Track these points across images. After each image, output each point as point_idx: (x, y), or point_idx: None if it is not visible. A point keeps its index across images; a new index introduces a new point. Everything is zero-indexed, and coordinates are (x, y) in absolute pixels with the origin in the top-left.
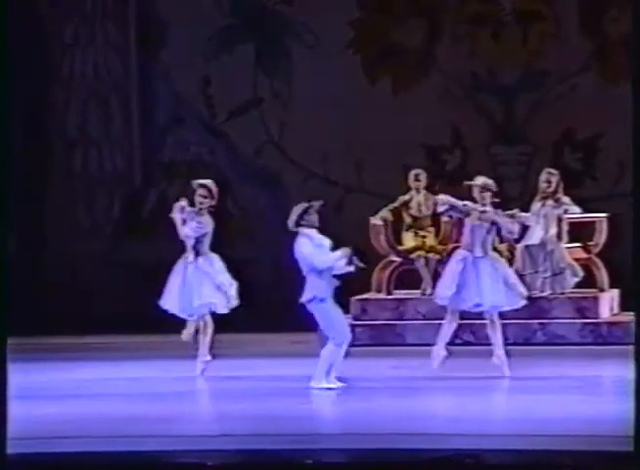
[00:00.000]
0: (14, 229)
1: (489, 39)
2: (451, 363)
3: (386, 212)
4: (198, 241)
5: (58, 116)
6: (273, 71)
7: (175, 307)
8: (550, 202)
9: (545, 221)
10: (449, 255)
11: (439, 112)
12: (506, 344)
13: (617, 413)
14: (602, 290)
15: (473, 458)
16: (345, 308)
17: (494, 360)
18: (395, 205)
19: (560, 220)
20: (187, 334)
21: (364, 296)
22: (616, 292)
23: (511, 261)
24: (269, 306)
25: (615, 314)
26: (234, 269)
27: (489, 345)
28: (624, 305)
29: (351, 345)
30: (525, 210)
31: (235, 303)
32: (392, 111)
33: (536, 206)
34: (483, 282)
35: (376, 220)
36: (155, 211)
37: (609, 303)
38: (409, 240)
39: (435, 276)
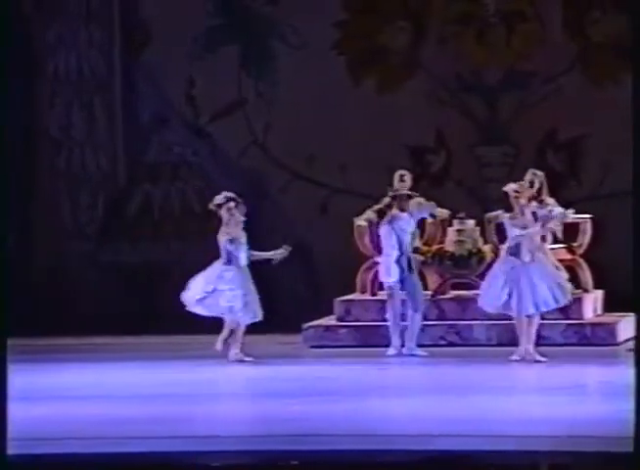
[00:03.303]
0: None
1: (474, 40)
2: (436, 364)
3: (370, 214)
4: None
5: (42, 116)
6: (258, 73)
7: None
8: (534, 203)
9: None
10: (433, 256)
11: (424, 113)
12: (490, 345)
13: (613, 414)
14: (586, 291)
15: (461, 459)
16: (330, 310)
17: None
18: (380, 206)
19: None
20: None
21: (348, 297)
22: (599, 293)
23: (494, 262)
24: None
25: (598, 315)
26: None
27: (473, 345)
28: (608, 306)
29: (335, 346)
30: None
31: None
32: (377, 112)
33: None
34: (535, 286)
35: (360, 221)
36: (139, 212)
37: (592, 303)
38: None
39: (420, 277)
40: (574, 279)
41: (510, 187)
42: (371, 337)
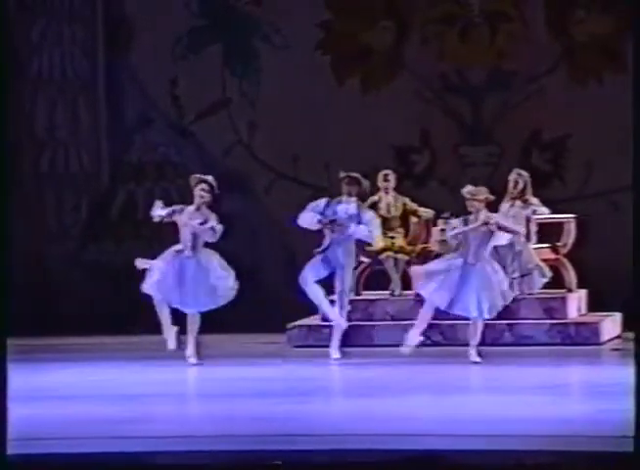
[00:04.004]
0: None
1: (458, 40)
2: (422, 364)
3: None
4: (197, 235)
5: (25, 116)
6: (241, 72)
7: (174, 300)
8: (518, 203)
9: (513, 222)
10: (418, 255)
11: (408, 112)
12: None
13: (597, 413)
14: (570, 290)
15: (448, 459)
16: (314, 310)
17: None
18: (365, 205)
19: (528, 221)
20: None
21: (333, 297)
22: (583, 292)
23: None
24: (239, 307)
25: (582, 315)
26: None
27: (458, 345)
28: (592, 306)
29: (321, 346)
30: (494, 210)
31: (234, 293)
32: (361, 111)
33: (505, 206)
34: (475, 289)
35: None
36: (123, 212)
37: (577, 303)
38: (378, 241)
39: (404, 277)
40: (558, 279)
41: (466, 189)
42: (355, 336)
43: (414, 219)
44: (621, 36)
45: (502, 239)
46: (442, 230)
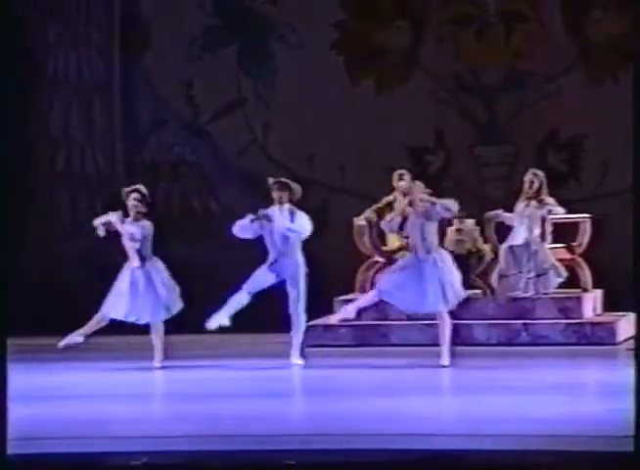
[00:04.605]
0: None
1: (473, 40)
2: (435, 364)
3: (370, 213)
4: (143, 245)
5: (40, 116)
6: (256, 72)
7: (122, 313)
8: (534, 202)
9: (529, 222)
10: None
11: (423, 113)
12: (490, 344)
13: (612, 413)
14: (585, 290)
15: (462, 459)
16: (329, 309)
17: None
18: (379, 205)
19: (544, 221)
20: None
21: (348, 296)
22: (599, 292)
23: (494, 262)
24: (253, 306)
25: (598, 315)
26: (214, 269)
27: (473, 345)
28: (607, 306)
29: (335, 345)
30: (509, 210)
31: (180, 306)
32: (376, 112)
33: (520, 206)
34: (427, 285)
35: (360, 221)
36: None
37: (592, 303)
38: (393, 241)
39: None
40: (574, 279)
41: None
42: (370, 336)
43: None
44: (638, 36)
45: (518, 238)
46: (457, 230)
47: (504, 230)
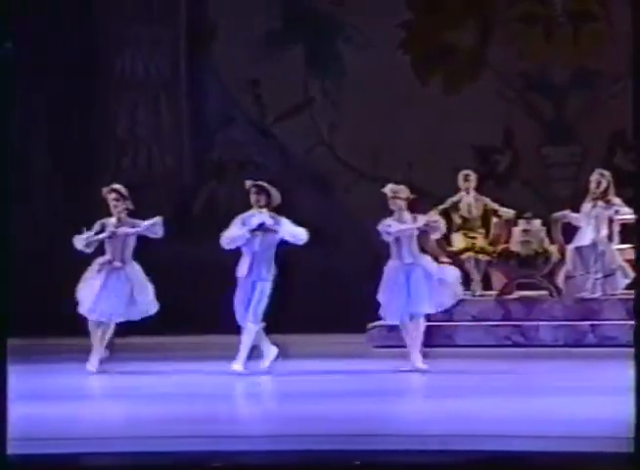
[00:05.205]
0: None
1: (541, 39)
2: (499, 364)
3: (435, 213)
4: (125, 246)
5: (108, 115)
6: (323, 72)
7: (97, 313)
8: (601, 203)
9: (596, 222)
10: (499, 256)
11: (490, 112)
12: (557, 345)
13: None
14: None
15: (518, 460)
16: None
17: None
18: (445, 206)
19: (611, 221)
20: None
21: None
22: None
23: (561, 263)
24: (319, 307)
25: None
26: (283, 268)
27: (539, 346)
28: None
29: (400, 346)
30: (576, 211)
31: (156, 307)
32: (443, 111)
33: (587, 207)
34: (416, 289)
35: None
36: (205, 210)
37: None
38: (459, 241)
39: (485, 277)
40: None
41: (388, 188)
42: (435, 337)
43: (495, 220)
44: (638, 36)
45: (585, 239)
46: (524, 231)
47: (571, 231)
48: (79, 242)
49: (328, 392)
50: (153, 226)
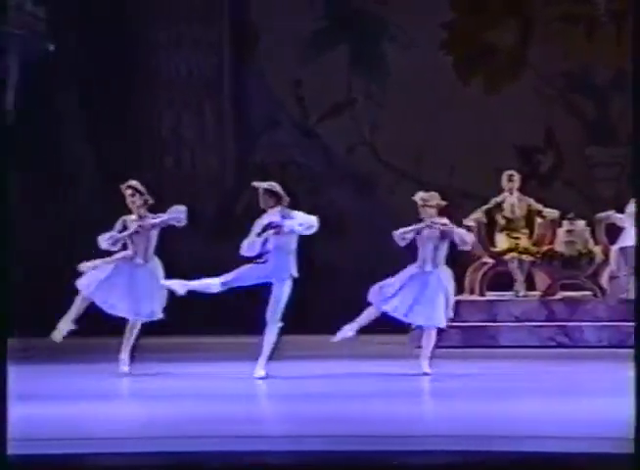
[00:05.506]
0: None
1: (582, 39)
2: (539, 365)
3: (479, 214)
4: (149, 243)
5: (151, 116)
6: (367, 72)
7: (124, 310)
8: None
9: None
10: (543, 256)
11: (532, 112)
12: (601, 346)
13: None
14: None
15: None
16: None
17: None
18: (488, 206)
19: None
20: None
21: (457, 297)
22: None
23: (605, 263)
24: (361, 307)
25: None
26: (326, 269)
27: (583, 347)
28: None
29: (443, 346)
30: (620, 211)
31: (160, 315)
32: (485, 111)
33: (631, 207)
34: (432, 297)
35: (469, 222)
36: (248, 212)
37: None
38: (502, 241)
39: (529, 278)
40: None
41: (418, 196)
42: (479, 337)
43: (539, 220)
44: (638, 36)
45: (629, 240)
46: (568, 231)
47: (615, 231)
48: (104, 242)
49: (364, 392)
50: (176, 213)
